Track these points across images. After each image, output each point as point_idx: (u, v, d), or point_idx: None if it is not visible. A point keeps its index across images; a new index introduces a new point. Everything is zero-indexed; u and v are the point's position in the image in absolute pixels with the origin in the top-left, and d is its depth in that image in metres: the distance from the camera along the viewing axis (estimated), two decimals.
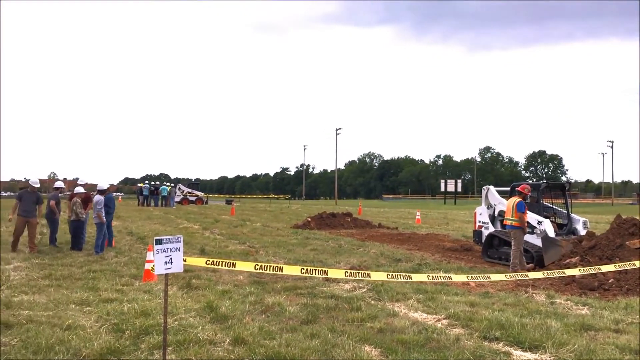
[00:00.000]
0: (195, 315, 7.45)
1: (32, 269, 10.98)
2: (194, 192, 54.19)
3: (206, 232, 20.51)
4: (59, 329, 6.54)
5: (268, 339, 6.33)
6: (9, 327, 6.58)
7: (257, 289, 9.36)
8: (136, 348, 5.91)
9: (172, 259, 5.14)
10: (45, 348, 5.74)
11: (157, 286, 9.39)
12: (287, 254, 14.11)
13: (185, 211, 37.03)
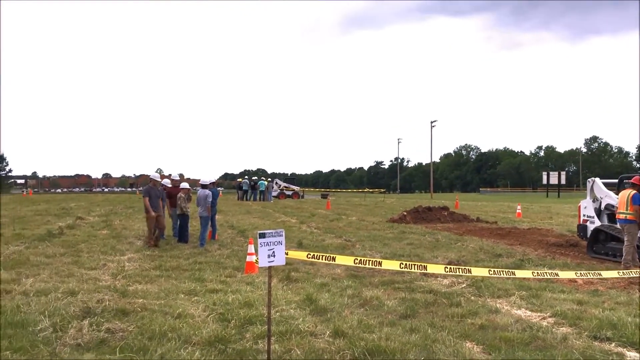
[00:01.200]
0: (295, 307, 7.65)
1: (144, 261, 11.70)
2: (290, 187, 55.30)
3: (303, 226, 20.89)
4: (170, 317, 6.95)
5: (367, 332, 6.39)
6: (126, 314, 7.07)
7: (354, 283, 9.46)
8: (241, 337, 6.17)
9: (274, 252, 5.31)
10: (159, 334, 6.12)
11: (258, 278, 9.71)
12: (383, 248, 14.10)
13: (282, 205, 37.90)
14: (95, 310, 7.08)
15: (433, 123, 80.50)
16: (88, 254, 12.42)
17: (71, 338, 5.90)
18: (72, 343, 5.77)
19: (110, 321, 6.58)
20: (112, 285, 8.90)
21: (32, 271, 10.13)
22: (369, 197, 60.95)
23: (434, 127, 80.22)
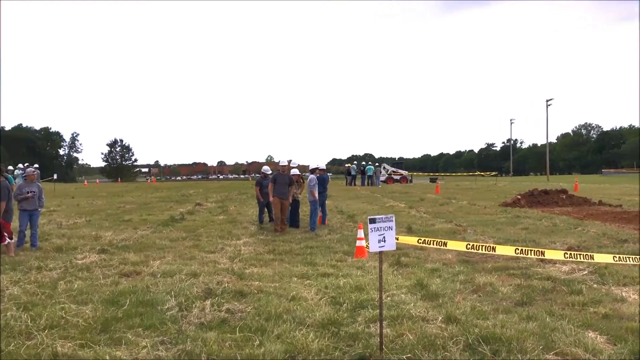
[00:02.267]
0: (406, 292, 7.64)
1: (259, 245, 12.17)
2: (398, 171, 54.91)
3: (412, 211, 20.73)
4: (284, 299, 7.20)
5: (481, 318, 6.26)
6: (244, 295, 7.42)
7: (466, 268, 9.28)
8: (353, 320, 6.27)
9: (385, 237, 5.33)
10: (274, 315, 6.36)
11: (368, 263, 9.80)
12: (496, 233, 13.68)
13: (390, 190, 37.79)
14: (216, 292, 7.49)
15: (549, 102, 76.42)
16: (207, 238, 13.13)
17: (195, 317, 6.29)
18: (196, 322, 6.16)
19: (230, 302, 6.93)
20: (230, 268, 9.36)
21: (158, 254, 10.88)
22: (479, 181, 59.20)
23: (549, 105, 76.19)
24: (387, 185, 46.71)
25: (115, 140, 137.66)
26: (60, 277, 8.59)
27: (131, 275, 8.86)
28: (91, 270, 9.19)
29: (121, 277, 8.66)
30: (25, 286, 7.87)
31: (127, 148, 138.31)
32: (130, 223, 16.71)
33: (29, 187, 11.75)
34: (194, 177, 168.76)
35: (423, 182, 56.26)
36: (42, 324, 5.97)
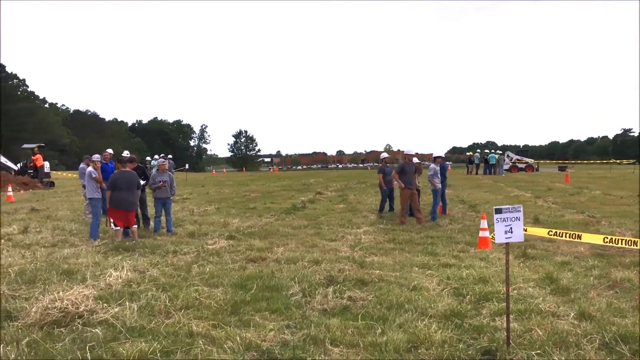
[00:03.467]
0: (534, 285, 7.31)
1: (379, 234, 12.20)
2: (523, 159, 52.43)
3: (539, 201, 19.72)
4: (406, 288, 7.16)
5: (619, 316, 5.84)
6: (365, 284, 7.48)
7: (601, 262, 8.69)
8: (477, 313, 6.10)
9: (512, 228, 5.13)
10: (396, 305, 6.36)
11: (492, 254, 9.48)
12: (635, 225, 12.66)
13: (514, 179, 36.19)
14: (338, 279, 7.62)
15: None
16: (328, 227, 13.36)
17: (318, 303, 6.44)
18: (319, 308, 6.30)
19: (351, 290, 7.02)
20: (351, 256, 9.46)
21: (281, 241, 11.25)
22: (615, 169, 54.97)
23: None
24: (511, 174, 44.76)
25: (241, 131, 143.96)
26: (194, 260, 9.16)
27: (257, 260, 9.24)
28: (221, 255, 9.70)
29: (248, 263, 9.06)
30: (163, 269, 8.48)
31: (252, 139, 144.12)
32: (255, 211, 17.41)
33: (161, 176, 12.60)
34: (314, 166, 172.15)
35: (551, 171, 53.24)
36: (178, 304, 6.42)
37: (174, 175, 13.46)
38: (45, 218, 15.56)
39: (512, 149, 74.62)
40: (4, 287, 7.18)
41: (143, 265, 8.70)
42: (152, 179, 12.58)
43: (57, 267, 8.41)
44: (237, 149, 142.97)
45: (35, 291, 6.95)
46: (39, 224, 13.94)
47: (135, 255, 9.64)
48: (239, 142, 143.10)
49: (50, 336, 5.27)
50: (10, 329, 5.45)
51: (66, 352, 4.81)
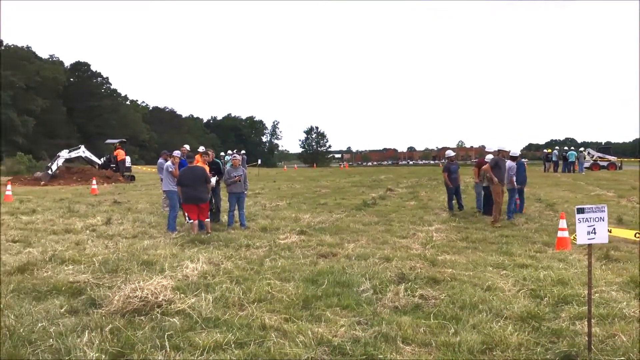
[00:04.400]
0: (617, 289, 6.96)
1: (451, 232, 11.97)
2: (605, 157, 49.92)
3: (622, 200, 18.74)
4: (479, 288, 7.00)
5: None
6: (437, 282, 7.36)
7: None
8: (556, 316, 5.88)
9: (595, 229, 4.90)
10: (469, 305, 6.22)
11: (572, 255, 9.10)
12: None
13: (595, 177, 34.58)
14: (409, 277, 7.54)
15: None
16: (399, 224, 13.24)
17: (389, 300, 6.40)
18: (390, 305, 6.26)
19: (423, 288, 6.92)
20: (422, 254, 9.34)
21: (352, 237, 11.26)
22: None
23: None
24: (592, 172, 42.75)
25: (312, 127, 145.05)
26: (266, 254, 9.31)
27: (328, 256, 9.28)
28: (292, 249, 9.82)
29: (319, 258, 9.12)
30: (237, 262, 8.68)
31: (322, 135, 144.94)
32: (325, 206, 17.51)
33: (235, 172, 12.88)
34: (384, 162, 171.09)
35: (636, 169, 50.46)
36: (251, 297, 6.55)
37: (247, 171, 13.76)
38: (126, 210, 16.27)
39: (593, 145, 71.21)
40: (88, 275, 7.56)
41: (217, 258, 8.93)
42: (227, 174, 12.87)
43: (137, 258, 8.77)
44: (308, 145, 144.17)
45: (117, 280, 7.28)
46: (120, 216, 14.58)
47: (210, 247, 9.92)
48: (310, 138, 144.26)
49: (131, 324, 5.50)
50: (94, 316, 5.73)
51: (146, 340, 5.01)
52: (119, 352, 4.75)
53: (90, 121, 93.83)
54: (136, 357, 4.62)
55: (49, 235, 11.39)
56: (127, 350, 4.79)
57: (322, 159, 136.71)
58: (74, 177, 33.04)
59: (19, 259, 8.68)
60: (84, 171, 34.67)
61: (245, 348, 4.94)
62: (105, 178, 32.34)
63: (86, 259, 8.64)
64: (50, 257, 8.72)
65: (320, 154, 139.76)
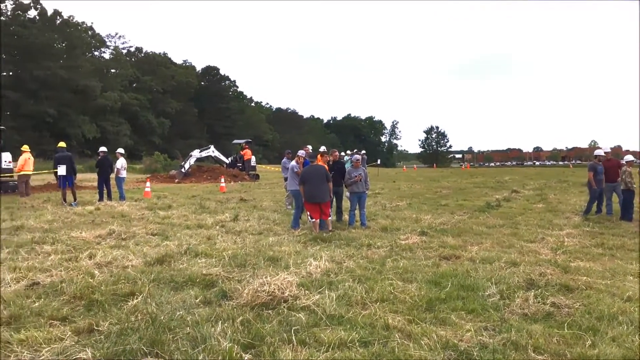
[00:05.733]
0: None
1: (584, 237, 11.23)
2: None
3: None
4: (619, 299, 6.52)
5: None
6: (570, 290, 6.94)
7: None
8: None
9: None
10: (607, 316, 5.81)
11: None
12: None
13: None
14: (539, 283, 7.18)
15: None
16: (525, 227, 12.66)
17: (518, 307, 6.13)
18: (519, 312, 6.00)
19: (555, 295, 6.56)
20: (553, 259, 8.85)
21: (475, 239, 10.92)
22: None
23: None
24: None
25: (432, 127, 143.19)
26: (387, 255, 9.29)
27: (450, 258, 9.08)
28: (413, 250, 9.72)
29: (441, 260, 8.95)
30: (358, 261, 8.74)
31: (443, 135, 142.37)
32: (447, 207, 17.14)
33: (356, 171, 12.98)
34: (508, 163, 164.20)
35: None
36: (374, 296, 6.56)
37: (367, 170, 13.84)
38: (252, 208, 16.97)
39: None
40: (219, 268, 7.97)
41: (339, 256, 9.05)
42: (348, 174, 13.01)
43: (263, 254, 9.11)
44: (427, 145, 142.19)
45: (245, 274, 7.61)
46: (247, 213, 15.24)
47: (332, 246, 10.07)
48: (429, 138, 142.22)
49: (260, 317, 5.73)
50: (226, 308, 6.04)
51: (274, 333, 5.19)
52: (249, 343, 4.97)
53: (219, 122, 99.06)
54: (265, 350, 4.81)
55: (183, 229, 12.15)
56: (256, 342, 5.00)
57: (442, 159, 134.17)
58: (204, 175, 35.05)
59: (158, 251, 9.33)
60: (213, 170, 36.67)
61: (369, 347, 4.97)
62: (232, 177, 33.97)
63: (217, 253, 9.11)
64: (185, 250, 9.30)
65: (440, 154, 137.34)
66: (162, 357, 4.60)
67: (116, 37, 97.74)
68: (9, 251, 9.31)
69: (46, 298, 6.42)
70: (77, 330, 5.31)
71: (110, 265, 8.18)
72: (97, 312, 5.86)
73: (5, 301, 6.21)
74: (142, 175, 39.58)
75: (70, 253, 9.16)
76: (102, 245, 10.01)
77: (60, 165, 18.07)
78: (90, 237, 10.77)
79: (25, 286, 6.93)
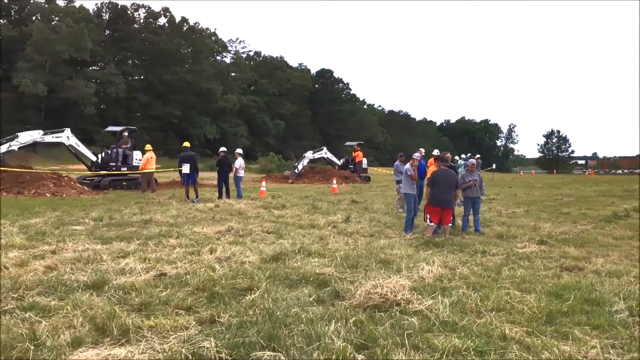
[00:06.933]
0: None
1: None
2: None
3: None
4: None
5: None
6: None
7: None
8: None
9: None
10: None
11: None
12: None
13: None
14: None
15: None
16: None
17: None
18: None
19: None
20: None
21: (601, 251, 10.25)
22: None
23: None
24: None
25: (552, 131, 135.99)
26: (503, 263, 8.97)
27: (573, 270, 8.60)
28: (531, 259, 9.30)
29: (562, 271, 8.50)
30: (473, 268, 8.52)
31: (564, 139, 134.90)
32: (568, 216, 16.25)
33: (471, 176, 12.66)
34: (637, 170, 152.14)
35: None
36: (489, 305, 6.36)
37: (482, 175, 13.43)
38: (363, 210, 17.07)
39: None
40: (331, 268, 8.09)
41: (453, 262, 8.87)
42: (462, 178, 12.72)
43: (375, 256, 9.14)
44: (547, 150, 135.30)
45: (357, 275, 7.67)
46: (358, 215, 15.34)
47: (444, 251, 9.90)
48: (549, 143, 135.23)
49: (372, 319, 5.76)
50: (339, 307, 6.14)
51: (387, 336, 5.19)
52: (362, 344, 5.01)
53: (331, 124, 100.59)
54: (379, 352, 4.82)
55: (296, 229, 12.47)
56: (369, 343, 5.02)
57: (563, 165, 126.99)
58: (317, 176, 35.76)
59: (273, 248, 9.65)
60: (325, 171, 37.30)
61: (485, 357, 4.83)
62: (344, 178, 34.35)
63: (329, 253, 9.25)
64: (298, 249, 9.54)
65: (561, 160, 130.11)
66: (278, 351, 4.76)
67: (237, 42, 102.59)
68: (139, 243, 10.05)
69: (172, 288, 6.86)
70: (200, 320, 5.63)
71: (229, 260, 8.58)
72: (218, 304, 6.17)
73: (137, 289, 6.71)
74: (257, 175, 41.10)
75: (193, 247, 9.72)
76: (222, 240, 10.52)
77: (184, 164, 19.23)
78: (210, 233, 11.36)
79: (153, 276, 7.45)
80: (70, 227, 11.98)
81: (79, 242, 9.91)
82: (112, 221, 12.98)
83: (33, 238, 10.33)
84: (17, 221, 12.41)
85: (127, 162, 24.80)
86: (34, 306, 5.95)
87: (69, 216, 13.77)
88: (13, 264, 7.84)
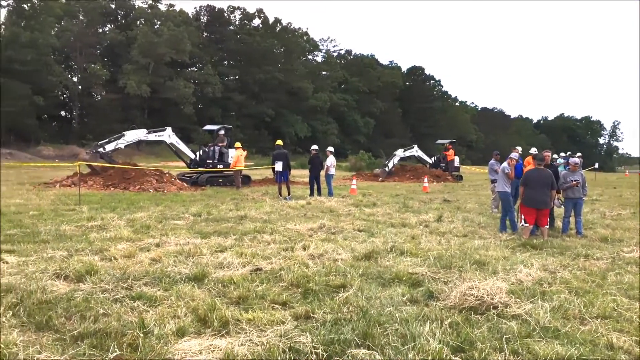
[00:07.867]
0: None
1: None
2: None
3: None
4: None
5: None
6: None
7: None
8: None
9: None
10: None
11: None
12: None
13: None
14: None
15: None
16: None
17: None
18: None
19: None
20: None
21: None
22: None
23: None
24: None
25: None
26: (609, 268, 8.49)
27: None
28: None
29: None
30: (575, 272, 8.12)
31: None
32: None
33: (573, 176, 12.05)
34: None
35: None
36: (594, 311, 6.05)
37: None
38: (455, 209, 16.71)
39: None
40: (425, 268, 7.99)
41: (553, 265, 8.51)
42: (563, 178, 12.15)
43: (469, 257, 8.92)
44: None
45: (452, 276, 7.53)
46: (450, 214, 15.03)
47: (543, 254, 9.50)
48: None
49: (468, 321, 5.63)
50: (433, 308, 6.05)
51: (485, 339, 5.06)
52: (458, 346, 4.91)
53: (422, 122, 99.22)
54: (476, 355, 4.71)
55: (387, 227, 12.41)
56: (466, 346, 4.92)
57: None
58: (407, 174, 35.38)
59: (365, 246, 9.64)
60: (416, 169, 36.84)
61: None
62: (435, 177, 33.78)
63: (422, 253, 9.14)
64: (390, 248, 9.48)
65: None
66: (373, 349, 4.76)
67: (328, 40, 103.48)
68: (235, 238, 10.40)
69: (268, 283, 7.04)
70: (295, 315, 5.74)
71: (322, 257, 8.68)
72: (313, 301, 6.27)
73: (235, 282, 6.95)
74: (347, 172, 41.27)
75: (286, 243, 9.92)
76: (314, 238, 10.65)
77: (277, 162, 19.65)
78: (303, 230, 11.55)
79: (250, 271, 7.68)
80: (172, 221, 12.58)
81: (180, 236, 10.39)
82: (209, 216, 13.49)
83: (139, 231, 10.94)
84: (124, 215, 13.20)
85: (223, 159, 25.66)
86: (142, 296, 6.31)
87: (171, 211, 14.46)
88: (122, 255, 8.35)
